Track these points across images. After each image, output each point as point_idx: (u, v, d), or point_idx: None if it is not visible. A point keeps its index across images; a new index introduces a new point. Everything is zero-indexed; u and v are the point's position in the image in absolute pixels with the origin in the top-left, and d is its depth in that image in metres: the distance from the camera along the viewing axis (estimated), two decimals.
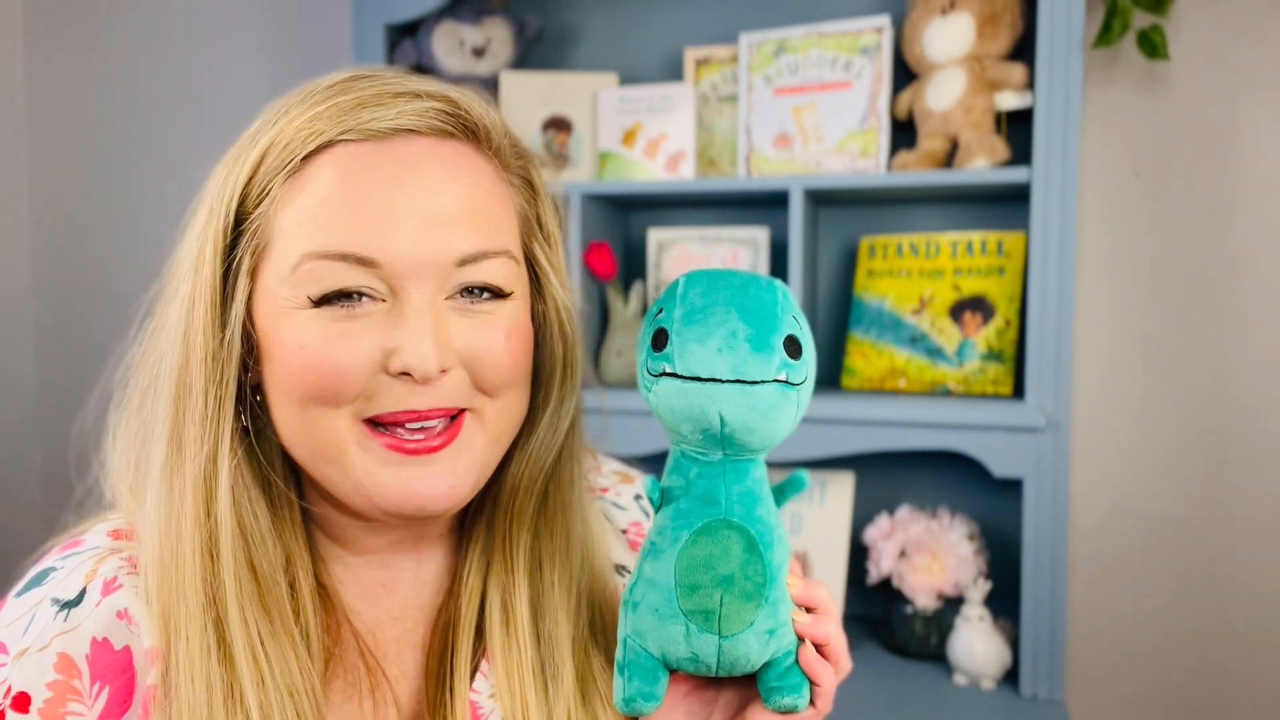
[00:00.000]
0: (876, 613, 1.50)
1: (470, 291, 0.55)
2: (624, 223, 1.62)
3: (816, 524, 1.44)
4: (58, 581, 0.54)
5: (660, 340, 0.51)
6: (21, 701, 0.50)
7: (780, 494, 0.55)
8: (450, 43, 1.53)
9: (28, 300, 2.01)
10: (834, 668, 0.54)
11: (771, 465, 1.50)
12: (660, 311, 0.52)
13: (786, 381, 0.50)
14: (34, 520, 1.81)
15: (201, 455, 0.54)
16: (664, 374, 0.50)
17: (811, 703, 0.54)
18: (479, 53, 1.54)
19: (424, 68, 1.55)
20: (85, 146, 1.97)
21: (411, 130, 0.55)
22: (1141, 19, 1.34)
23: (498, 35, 1.54)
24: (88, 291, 1.93)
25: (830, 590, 0.55)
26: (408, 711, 0.61)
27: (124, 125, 1.94)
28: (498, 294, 0.56)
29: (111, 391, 0.61)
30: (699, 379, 0.49)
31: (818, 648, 0.54)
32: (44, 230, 2.00)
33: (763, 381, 0.49)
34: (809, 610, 0.54)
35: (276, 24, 1.82)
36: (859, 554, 1.48)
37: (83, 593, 0.53)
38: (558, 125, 1.54)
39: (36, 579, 0.55)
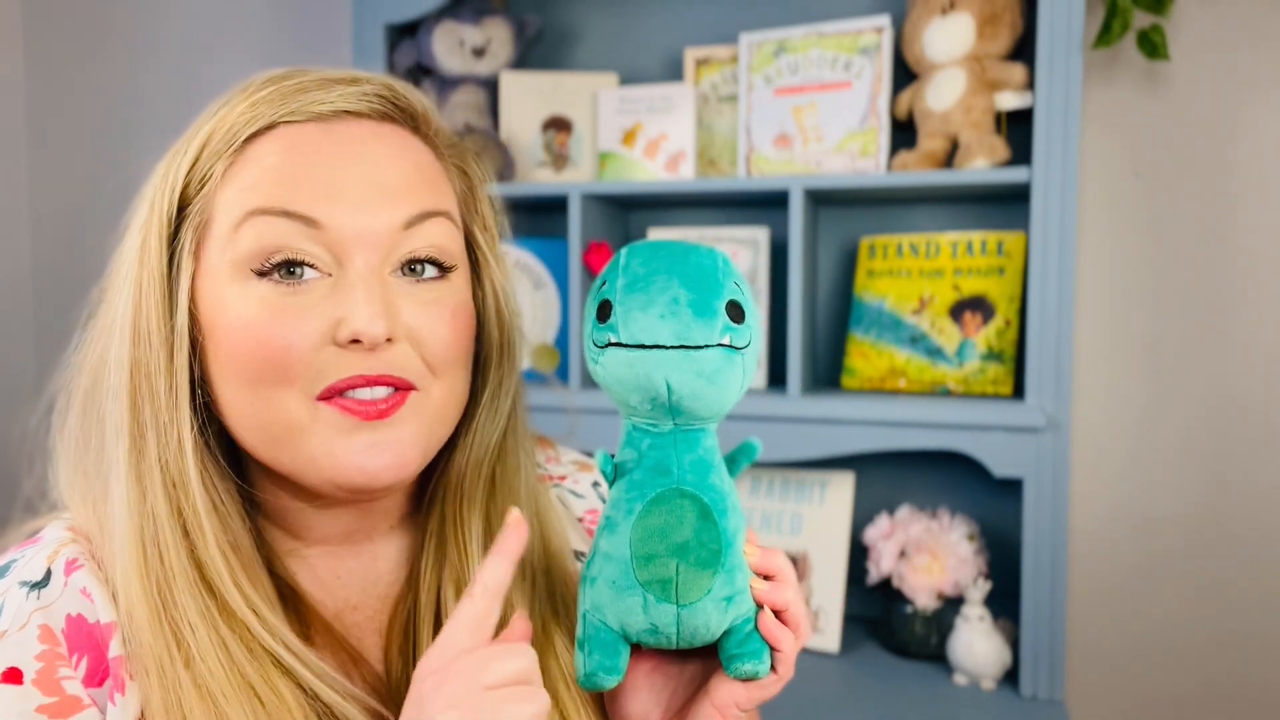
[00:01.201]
0: (876, 613, 1.50)
1: (414, 269, 0.57)
2: (624, 223, 1.62)
3: (816, 524, 1.44)
4: (20, 568, 0.55)
5: (604, 311, 0.51)
6: (13, 675, 0.50)
7: (733, 463, 0.55)
8: (450, 43, 1.53)
9: (28, 300, 2.01)
10: (794, 634, 0.54)
11: (772, 466, 1.50)
12: (604, 284, 0.52)
13: (730, 346, 0.50)
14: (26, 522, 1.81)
15: (169, 439, 0.54)
16: (609, 345, 0.51)
17: (773, 669, 0.54)
18: (479, 53, 1.54)
19: (424, 68, 1.55)
20: (85, 146, 1.97)
21: (353, 112, 0.56)
22: (1141, 19, 1.34)
23: (498, 35, 1.54)
24: (88, 291, 1.93)
25: (787, 558, 0.55)
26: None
27: (124, 126, 1.94)
28: (441, 267, 0.58)
29: (56, 394, 0.61)
30: (643, 346, 0.50)
31: (777, 614, 0.54)
32: (44, 230, 2.00)
33: (706, 346, 0.49)
34: (767, 578, 0.54)
35: (277, 25, 1.83)
36: (859, 554, 1.48)
37: (48, 573, 0.54)
38: (558, 125, 1.54)
39: None
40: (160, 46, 1.90)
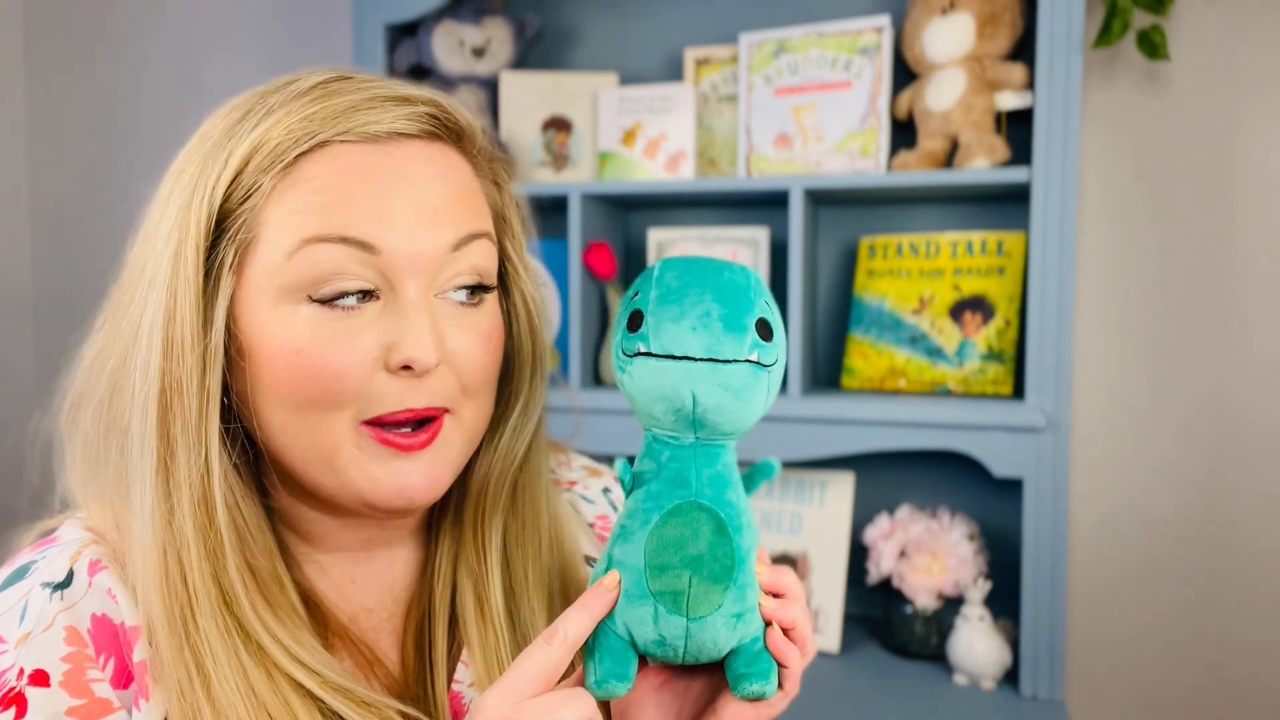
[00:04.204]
0: (876, 613, 1.50)
1: (455, 291, 0.57)
2: (624, 223, 1.62)
3: (816, 524, 1.44)
4: (41, 569, 0.54)
5: (636, 321, 0.52)
6: (40, 678, 0.50)
7: (750, 480, 0.56)
8: (450, 42, 1.53)
9: (28, 300, 2.01)
10: (800, 651, 0.55)
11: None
12: (636, 294, 0.53)
13: (758, 362, 0.51)
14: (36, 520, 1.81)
15: (197, 459, 0.53)
16: (638, 354, 0.51)
17: (779, 686, 0.54)
18: (479, 53, 1.54)
19: (424, 68, 1.55)
20: (85, 146, 1.97)
21: (403, 133, 0.56)
22: (1141, 19, 1.34)
23: (498, 35, 1.54)
24: (88, 291, 1.93)
25: (796, 577, 0.56)
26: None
27: (124, 126, 1.94)
28: (480, 290, 0.58)
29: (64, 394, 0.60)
30: (673, 357, 0.50)
31: (785, 632, 0.54)
32: (44, 230, 2.00)
33: (735, 361, 0.50)
34: (776, 596, 0.55)
35: (277, 25, 1.83)
36: (859, 554, 1.48)
37: (70, 574, 0.54)
38: (558, 125, 1.54)
39: (17, 574, 0.55)
40: (160, 46, 1.90)
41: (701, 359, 0.50)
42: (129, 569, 0.54)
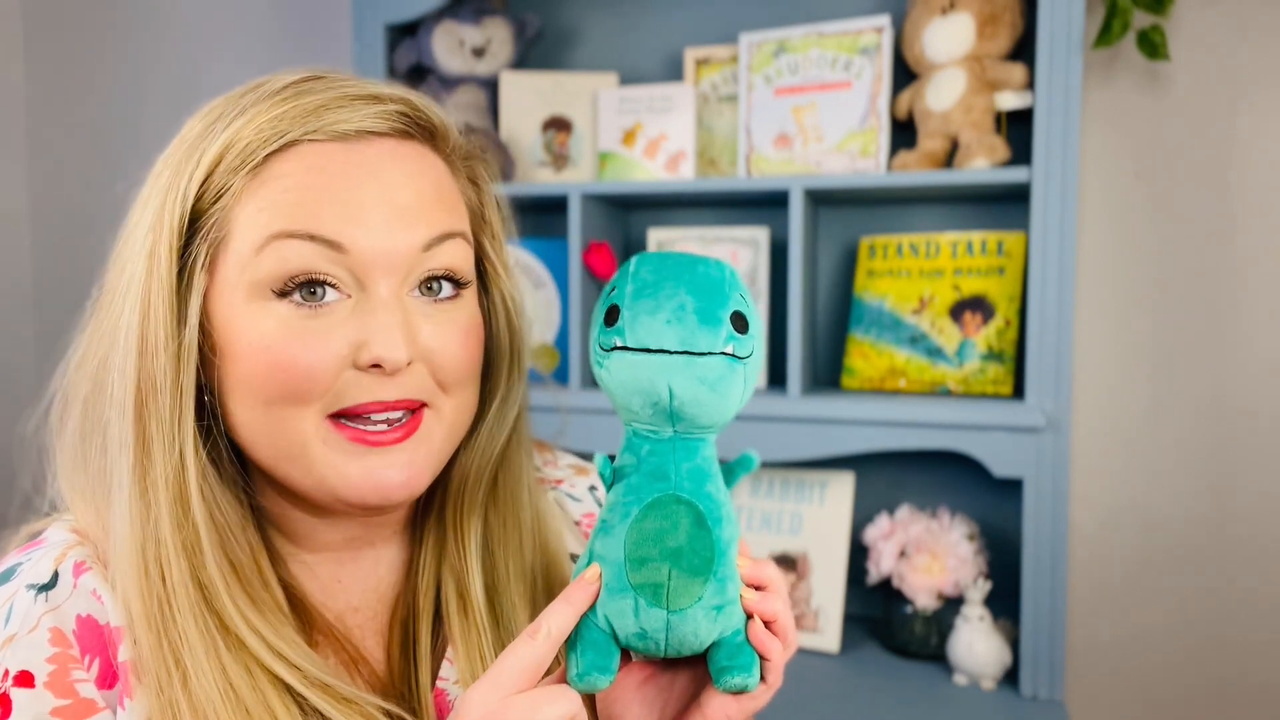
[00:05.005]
0: (876, 613, 1.50)
1: (430, 289, 0.57)
2: (624, 223, 1.62)
3: (816, 524, 1.44)
4: (26, 571, 0.55)
5: (612, 316, 0.52)
6: (25, 679, 0.50)
7: (730, 474, 0.56)
8: (450, 42, 1.53)
9: (28, 300, 2.01)
10: (782, 643, 0.55)
11: (772, 466, 1.50)
12: (613, 290, 0.54)
13: (733, 355, 0.52)
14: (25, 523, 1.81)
15: (171, 456, 0.53)
16: (615, 348, 0.52)
17: (762, 678, 0.54)
18: (479, 53, 1.54)
19: (424, 68, 1.55)
20: (85, 147, 1.97)
21: (373, 132, 0.56)
22: (1141, 19, 1.34)
23: (498, 35, 1.54)
24: (88, 292, 1.93)
25: (778, 569, 0.56)
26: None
27: (124, 126, 1.94)
28: (456, 284, 0.58)
29: (54, 395, 0.60)
30: (648, 350, 0.51)
31: (766, 624, 0.54)
32: (44, 230, 2.00)
33: (710, 353, 0.51)
34: (758, 589, 0.55)
35: (277, 25, 1.83)
36: (859, 554, 1.48)
37: (55, 575, 0.54)
38: (558, 125, 1.54)
39: (2, 577, 0.55)
40: (160, 47, 1.90)
41: (677, 352, 0.50)
42: (110, 568, 0.54)
